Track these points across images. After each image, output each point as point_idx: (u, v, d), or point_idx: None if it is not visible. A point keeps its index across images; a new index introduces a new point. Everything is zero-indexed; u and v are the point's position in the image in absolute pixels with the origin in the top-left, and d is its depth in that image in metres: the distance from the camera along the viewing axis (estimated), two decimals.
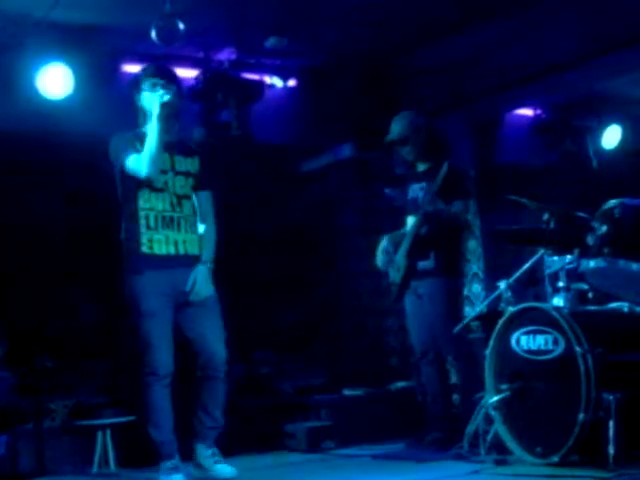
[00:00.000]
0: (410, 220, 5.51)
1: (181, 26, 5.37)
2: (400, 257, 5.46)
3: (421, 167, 5.60)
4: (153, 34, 5.38)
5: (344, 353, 7.40)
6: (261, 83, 6.51)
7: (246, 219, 6.71)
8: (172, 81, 4.72)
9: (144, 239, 4.62)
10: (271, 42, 6.21)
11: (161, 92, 4.58)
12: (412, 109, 5.69)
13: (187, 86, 6.27)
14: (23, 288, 6.32)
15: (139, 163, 4.55)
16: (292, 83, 6.85)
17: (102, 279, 6.12)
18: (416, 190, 5.53)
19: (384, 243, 5.63)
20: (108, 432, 5.82)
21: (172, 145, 4.72)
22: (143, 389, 4.61)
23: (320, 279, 7.48)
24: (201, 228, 4.81)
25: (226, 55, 6.36)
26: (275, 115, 6.61)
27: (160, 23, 5.35)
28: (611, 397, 4.08)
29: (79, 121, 5.98)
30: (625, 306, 4.61)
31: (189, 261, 4.69)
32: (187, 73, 6.41)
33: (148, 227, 4.63)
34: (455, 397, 5.80)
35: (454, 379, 5.72)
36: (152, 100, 4.59)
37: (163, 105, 4.54)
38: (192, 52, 6.25)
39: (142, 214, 4.64)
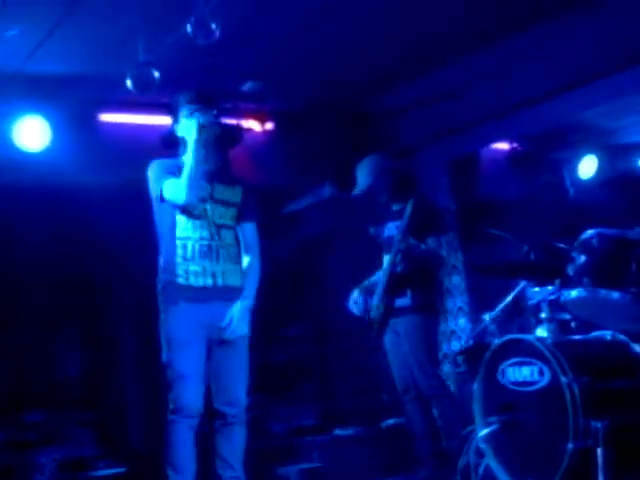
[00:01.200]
0: (386, 258, 5.60)
1: (156, 74, 5.44)
2: (378, 295, 5.54)
3: (395, 206, 5.70)
4: (129, 83, 5.45)
5: (335, 392, 7.44)
6: (239, 127, 6.61)
7: None
8: (211, 105, 4.60)
9: (180, 270, 4.47)
10: (247, 86, 6.32)
11: (198, 116, 4.47)
12: (377, 152, 5.78)
13: (163, 133, 6.36)
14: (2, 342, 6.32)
15: (177, 189, 4.41)
16: (269, 126, 6.95)
17: (85, 328, 6.18)
18: (391, 229, 5.62)
19: (354, 295, 5.72)
20: None
21: (212, 173, 4.59)
22: (166, 427, 4.38)
23: (307, 319, 7.54)
24: (245, 261, 4.67)
25: None
26: (253, 158, 6.70)
27: (135, 72, 5.43)
28: (599, 425, 4.11)
29: (57, 172, 6.03)
30: (608, 334, 4.65)
31: (229, 294, 4.53)
32: (164, 120, 6.47)
33: (185, 258, 4.48)
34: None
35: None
36: (190, 126, 4.49)
37: (201, 129, 4.42)
38: (169, 99, 6.31)
39: (179, 244, 4.50)
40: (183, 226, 4.51)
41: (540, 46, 6.04)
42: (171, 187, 4.46)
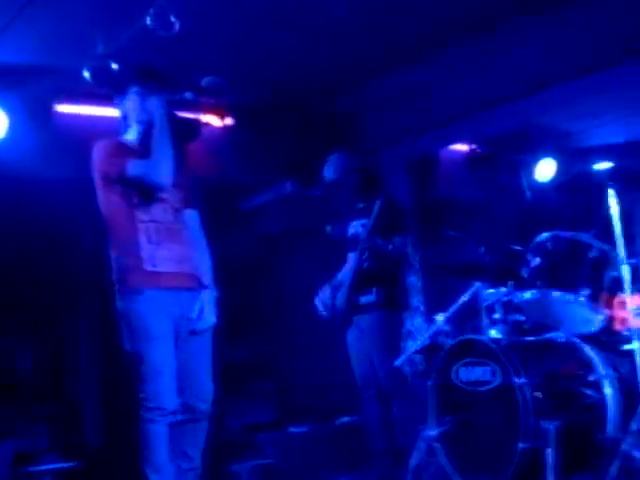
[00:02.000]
0: (351, 256, 5.62)
1: (114, 66, 5.41)
2: (343, 292, 5.56)
3: (360, 204, 5.72)
4: (86, 75, 5.42)
5: (291, 389, 7.44)
6: (197, 122, 6.58)
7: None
8: (166, 83, 4.48)
9: (145, 254, 4.24)
10: (207, 81, 6.29)
11: (166, 96, 4.37)
12: (345, 149, 5.80)
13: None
14: None
15: (150, 169, 4.22)
16: (229, 121, 6.92)
17: (39, 320, 6.12)
18: (356, 227, 5.64)
19: (320, 295, 5.74)
20: (48, 479, 5.77)
21: None
22: (143, 426, 4.16)
23: (266, 315, 7.53)
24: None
25: None
26: (213, 154, 6.68)
27: (93, 64, 5.39)
28: (549, 426, 4.17)
29: (14, 164, 5.98)
30: (560, 336, 4.71)
31: (192, 281, 4.39)
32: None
33: (149, 241, 4.26)
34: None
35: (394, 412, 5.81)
36: (151, 103, 4.35)
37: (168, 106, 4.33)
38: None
39: (141, 227, 4.26)
40: (145, 208, 4.29)
41: (499, 50, 6.10)
42: (140, 167, 4.24)
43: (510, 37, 6.03)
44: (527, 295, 4.63)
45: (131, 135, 4.47)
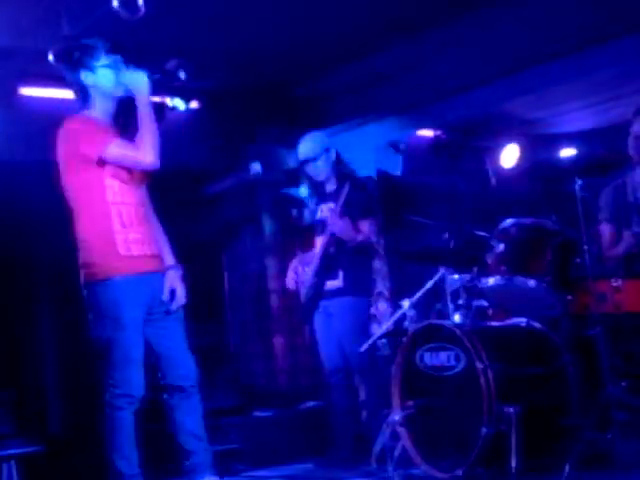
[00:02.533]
0: (319, 240, 5.63)
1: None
2: (309, 277, 5.57)
3: (329, 187, 5.72)
4: (51, 57, 5.37)
5: (255, 374, 7.44)
6: (162, 105, 6.54)
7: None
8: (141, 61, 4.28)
9: (119, 238, 4.09)
10: (172, 64, 6.24)
11: (145, 71, 4.20)
12: (319, 129, 5.80)
13: None
14: None
15: (139, 151, 4.04)
16: (195, 105, 6.89)
17: None
18: (325, 210, 5.64)
19: (294, 264, 5.74)
20: (13, 463, 5.73)
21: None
22: (109, 413, 4.05)
23: (230, 300, 7.53)
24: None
25: None
26: (177, 138, 6.64)
27: (58, 46, 5.34)
28: (512, 410, 4.21)
29: None
30: (523, 321, 4.77)
31: (163, 264, 4.26)
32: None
33: (123, 225, 4.09)
34: (363, 414, 5.92)
35: (362, 397, 5.84)
36: (134, 78, 4.18)
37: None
38: None
39: (114, 210, 4.09)
40: (116, 190, 4.12)
41: (462, 38, 6.12)
42: (129, 148, 4.07)
43: (473, 25, 6.05)
44: (491, 281, 4.67)
45: (99, 112, 4.23)
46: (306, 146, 5.67)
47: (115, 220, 4.10)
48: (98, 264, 4.08)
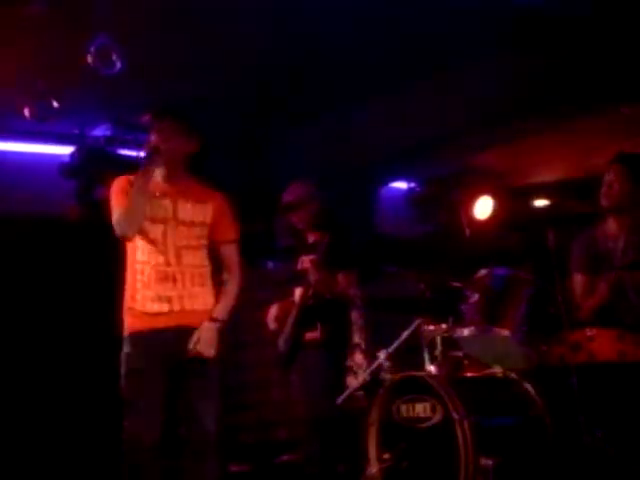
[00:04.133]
0: (298, 291, 5.60)
1: (55, 104, 5.37)
2: (288, 327, 5.54)
3: (311, 238, 5.71)
4: (26, 112, 5.37)
5: (229, 427, 7.37)
6: (138, 159, 6.54)
7: None
8: (161, 119, 4.36)
9: (138, 295, 4.24)
10: (144, 118, 6.27)
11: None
12: (306, 178, 5.80)
13: (62, 163, 6.28)
14: None
15: (116, 220, 4.20)
16: None
17: None
18: (305, 261, 5.61)
19: (274, 311, 5.70)
20: None
21: (176, 190, 4.37)
22: (126, 465, 4.13)
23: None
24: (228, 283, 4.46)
25: (102, 131, 6.37)
26: None
27: (33, 100, 5.35)
28: (489, 462, 4.19)
29: None
30: (499, 372, 4.76)
31: (190, 318, 4.30)
32: (62, 150, 6.42)
33: (143, 282, 4.24)
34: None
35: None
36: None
37: (148, 150, 4.25)
38: (67, 129, 6.24)
39: (138, 268, 4.27)
40: (141, 249, 4.28)
41: (433, 95, 6.16)
42: (116, 217, 4.23)
43: (446, 78, 6.11)
44: (466, 331, 4.67)
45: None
46: (291, 194, 5.66)
47: (138, 278, 4.26)
48: (124, 319, 4.30)
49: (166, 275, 4.28)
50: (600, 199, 4.94)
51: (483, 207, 7.79)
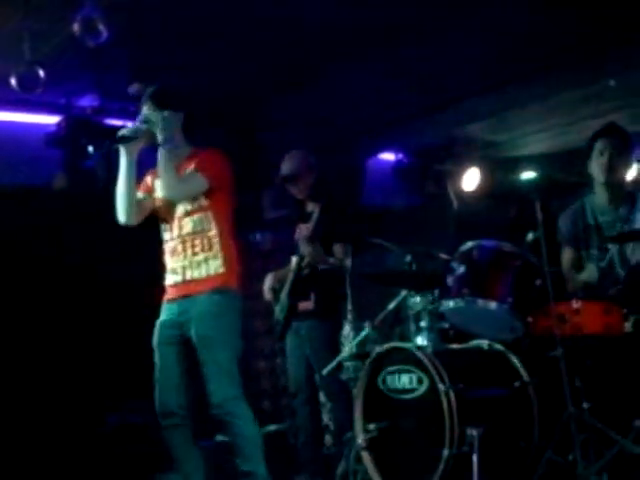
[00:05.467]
0: (294, 260, 5.59)
1: (41, 73, 5.32)
2: (283, 296, 5.54)
3: (310, 207, 5.67)
4: (13, 81, 5.32)
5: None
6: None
7: (118, 268, 6.62)
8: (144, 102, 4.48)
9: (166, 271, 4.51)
10: (134, 88, 6.22)
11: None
12: (302, 148, 5.76)
13: (48, 132, 6.24)
14: None
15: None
16: None
17: None
18: (302, 231, 5.57)
19: (269, 281, 5.68)
20: None
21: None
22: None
23: None
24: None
25: (89, 101, 6.33)
26: (139, 162, 6.60)
27: (20, 70, 5.29)
28: (474, 432, 4.19)
29: None
30: (485, 343, 4.77)
31: (190, 288, 4.40)
32: (48, 120, 6.37)
33: (165, 260, 4.50)
34: (327, 438, 5.88)
35: (325, 420, 5.80)
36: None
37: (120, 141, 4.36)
38: (53, 98, 6.19)
39: (164, 246, 4.52)
40: (163, 229, 4.54)
41: (424, 62, 6.10)
42: None
43: (431, 48, 6.05)
44: (452, 303, 4.64)
45: None
46: (289, 163, 5.62)
47: (165, 256, 4.50)
48: None
49: (174, 249, 4.45)
50: (589, 170, 4.94)
51: (470, 179, 7.79)
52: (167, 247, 4.50)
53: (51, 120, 6.35)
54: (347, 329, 6.71)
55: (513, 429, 4.45)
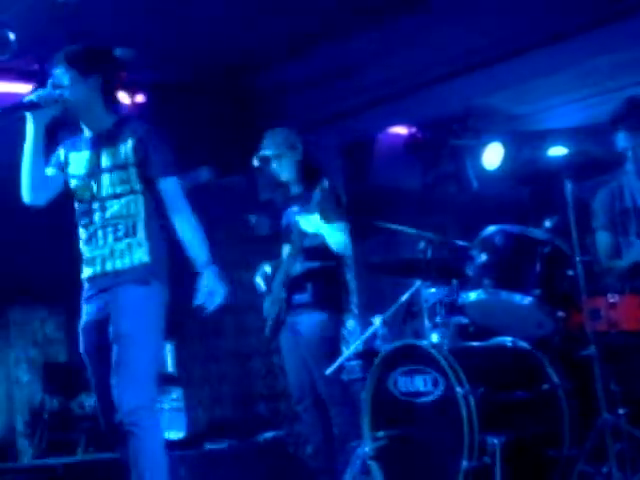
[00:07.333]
0: (286, 248, 5.53)
1: (11, 36, 5.27)
2: (275, 289, 5.48)
3: (295, 189, 5.63)
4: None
5: (205, 402, 7.35)
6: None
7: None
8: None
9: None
10: (118, 53, 6.17)
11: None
12: (285, 125, 5.71)
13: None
14: None
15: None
16: (140, 99, 6.80)
17: None
18: (291, 215, 5.53)
19: (263, 269, 5.63)
20: None
21: (96, 140, 4.29)
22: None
23: (179, 318, 7.42)
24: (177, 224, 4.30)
25: None
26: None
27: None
28: (496, 440, 4.15)
29: None
30: (509, 340, 4.73)
31: (114, 280, 4.22)
32: (20, 88, 6.31)
33: (81, 246, 4.32)
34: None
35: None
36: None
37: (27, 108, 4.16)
38: (26, 65, 6.16)
39: (79, 230, 4.33)
40: (76, 210, 4.35)
41: (444, 26, 6.07)
42: None
43: (447, 12, 6.02)
44: (472, 295, 4.59)
45: None
46: (269, 141, 5.58)
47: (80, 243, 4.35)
48: None
49: (89, 236, 4.29)
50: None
51: (492, 155, 7.73)
52: (83, 233, 4.32)
53: (23, 88, 6.29)
54: (352, 324, 6.68)
55: (540, 437, 4.41)
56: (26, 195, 4.30)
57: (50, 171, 4.38)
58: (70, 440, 7.13)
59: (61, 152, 4.43)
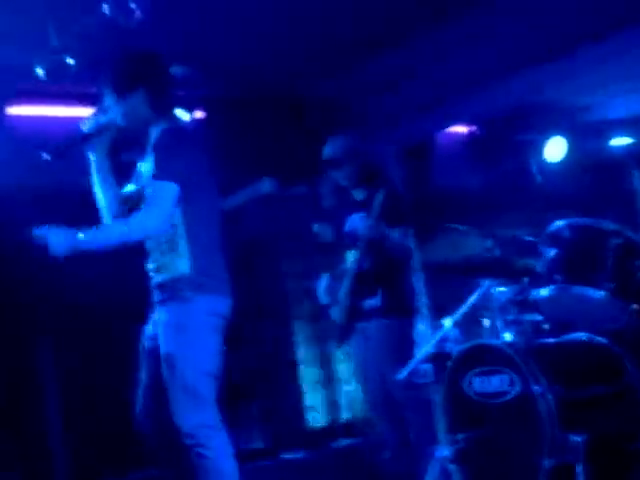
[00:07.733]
0: (350, 255, 5.51)
1: (70, 61, 5.32)
2: (342, 296, 5.46)
3: (358, 195, 5.62)
4: (40, 71, 5.33)
5: (282, 411, 7.35)
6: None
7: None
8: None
9: None
10: (175, 71, 6.21)
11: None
12: (345, 132, 5.71)
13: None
14: None
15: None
16: (199, 115, 6.83)
17: None
18: (355, 221, 5.51)
19: (325, 281, 5.62)
20: None
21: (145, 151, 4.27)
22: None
23: (250, 328, 7.44)
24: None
25: None
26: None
27: (47, 59, 5.30)
28: (578, 438, 4.08)
29: None
30: (584, 336, 4.64)
31: (156, 295, 4.22)
32: (81, 112, 6.37)
33: None
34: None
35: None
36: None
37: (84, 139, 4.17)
38: (85, 88, 6.20)
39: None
40: None
41: (505, 21, 6.03)
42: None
43: (506, 8, 5.98)
44: (544, 292, 4.54)
45: None
46: (330, 148, 5.58)
47: None
48: None
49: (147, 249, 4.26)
50: None
51: (555, 148, 7.66)
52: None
53: (84, 112, 6.34)
54: (422, 327, 6.63)
55: (622, 433, 4.32)
56: (107, 219, 4.26)
57: (131, 187, 4.31)
58: None
59: (138, 165, 4.36)
